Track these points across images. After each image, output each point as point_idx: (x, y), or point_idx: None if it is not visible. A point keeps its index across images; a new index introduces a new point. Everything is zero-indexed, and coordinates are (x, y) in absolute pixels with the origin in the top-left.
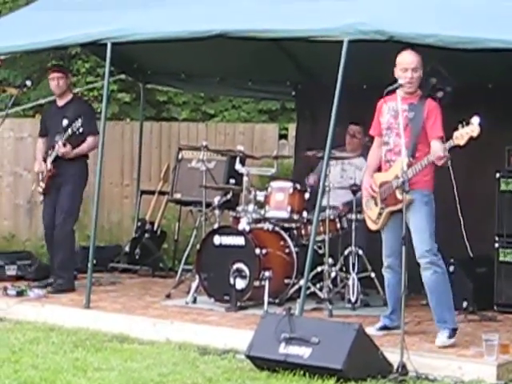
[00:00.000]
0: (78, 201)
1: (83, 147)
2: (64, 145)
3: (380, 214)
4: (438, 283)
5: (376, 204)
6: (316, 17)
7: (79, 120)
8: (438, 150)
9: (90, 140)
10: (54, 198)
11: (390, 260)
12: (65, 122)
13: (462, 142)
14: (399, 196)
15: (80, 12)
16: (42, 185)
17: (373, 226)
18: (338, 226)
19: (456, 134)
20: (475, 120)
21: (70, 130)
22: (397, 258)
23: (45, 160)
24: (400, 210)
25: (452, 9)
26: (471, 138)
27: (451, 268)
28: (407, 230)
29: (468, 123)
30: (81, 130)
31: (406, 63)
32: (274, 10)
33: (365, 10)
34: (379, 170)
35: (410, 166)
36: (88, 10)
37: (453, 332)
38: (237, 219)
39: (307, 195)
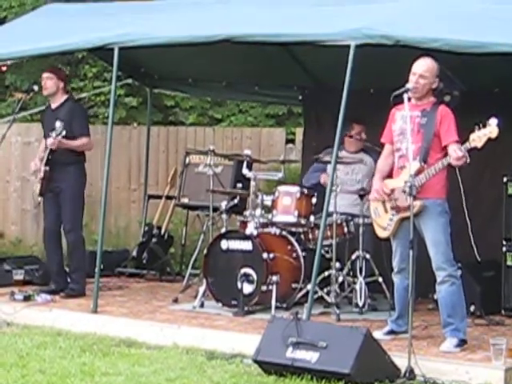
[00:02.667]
0: (81, 204)
1: (74, 142)
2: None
3: (391, 220)
4: (453, 295)
5: (386, 211)
6: (323, 21)
7: (61, 124)
8: (453, 150)
9: (82, 141)
10: (54, 202)
11: (401, 266)
12: (58, 124)
13: (479, 144)
14: (410, 202)
15: (87, 17)
16: (38, 186)
17: (382, 234)
18: (346, 230)
19: (473, 136)
20: (493, 121)
21: (54, 133)
22: (408, 264)
23: (42, 160)
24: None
25: (459, 13)
26: (489, 140)
27: (458, 272)
28: (418, 237)
29: (485, 125)
30: (63, 133)
31: (415, 68)
32: (280, 14)
33: (371, 14)
34: (390, 176)
35: (421, 171)
36: (95, 15)
37: (461, 342)
38: (244, 223)
39: (314, 200)
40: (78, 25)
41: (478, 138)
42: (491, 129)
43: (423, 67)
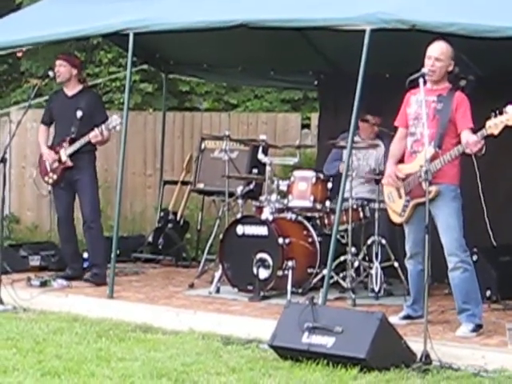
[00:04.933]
0: (97, 191)
1: (105, 135)
2: (101, 133)
3: (406, 206)
4: (467, 282)
5: (400, 196)
6: (338, 6)
7: (116, 117)
8: (470, 136)
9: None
10: (67, 189)
11: (413, 251)
12: (79, 113)
13: (496, 131)
14: (425, 187)
15: (102, 3)
16: (54, 176)
17: (397, 219)
18: (361, 215)
19: (489, 123)
20: (510, 108)
21: (104, 127)
22: (421, 249)
23: (55, 151)
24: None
25: None
26: (506, 127)
27: (474, 257)
28: (432, 222)
29: (501, 112)
30: (118, 128)
31: (430, 51)
32: None
33: None
34: (402, 161)
35: (436, 157)
36: (109, 1)
37: (477, 327)
38: (260, 209)
39: (330, 184)
40: (93, 10)
41: (495, 125)
42: (508, 116)
43: (438, 50)
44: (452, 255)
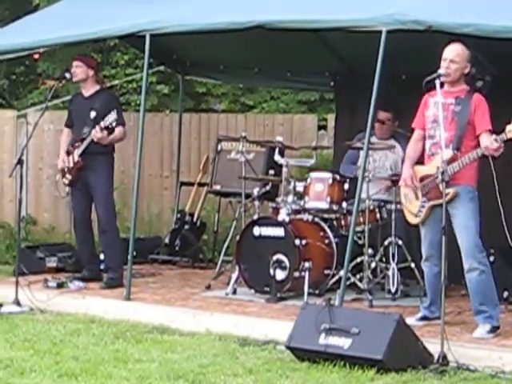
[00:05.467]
0: (112, 193)
1: (116, 135)
2: (101, 130)
3: (422, 207)
4: (483, 284)
5: (417, 197)
6: (354, 7)
7: (113, 113)
8: (490, 142)
9: (120, 130)
10: (83, 191)
11: (429, 253)
12: (92, 113)
13: None
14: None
15: (118, 4)
16: (69, 177)
17: (413, 220)
18: (378, 216)
19: (509, 127)
20: None
21: (102, 124)
22: (437, 251)
23: (68, 153)
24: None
25: None
26: None
27: (491, 258)
28: (449, 224)
29: None
30: (114, 124)
31: (446, 53)
32: (312, 0)
33: (403, 0)
34: (418, 163)
35: (455, 159)
36: (126, 3)
37: (494, 329)
38: (276, 210)
39: (347, 186)
40: (109, 12)
41: None
42: None
43: (453, 52)
44: (468, 256)
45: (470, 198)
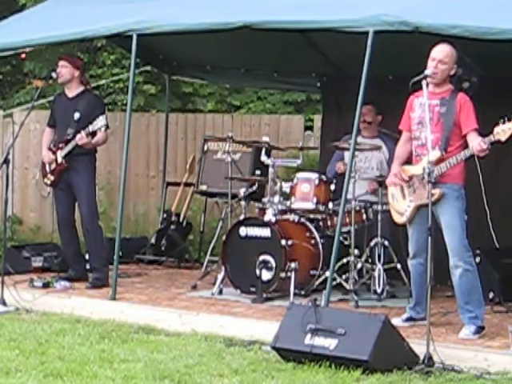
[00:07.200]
0: (95, 193)
1: (99, 139)
2: (87, 135)
3: (409, 206)
4: (469, 283)
5: (404, 197)
6: (341, 8)
7: (101, 118)
8: (477, 143)
9: (104, 134)
10: (66, 191)
11: (415, 251)
12: (76, 115)
13: (503, 138)
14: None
15: (105, 4)
16: (51, 177)
17: (399, 219)
18: (364, 217)
19: (497, 129)
20: None
21: (91, 128)
22: (423, 250)
23: (52, 151)
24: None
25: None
26: None
27: (477, 259)
28: (435, 223)
29: (510, 119)
30: (103, 129)
31: (434, 53)
32: (299, 1)
33: (390, 1)
34: (407, 163)
35: (442, 160)
36: (113, 3)
37: (479, 329)
38: (262, 210)
39: (333, 186)
40: (96, 12)
41: (503, 132)
42: None
43: (442, 53)
44: (454, 254)
45: (455, 197)
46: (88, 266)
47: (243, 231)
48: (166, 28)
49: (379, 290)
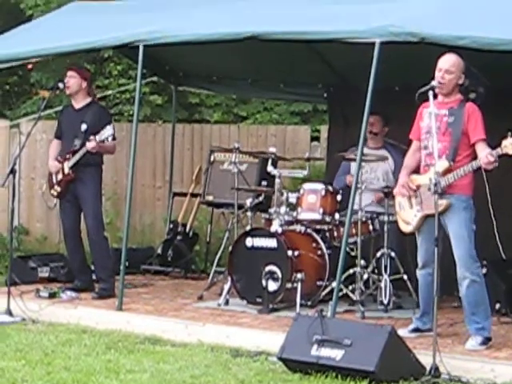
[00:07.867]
0: (101, 204)
1: (108, 146)
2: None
3: (415, 216)
4: (477, 294)
5: (411, 206)
6: (348, 19)
7: (109, 128)
8: (485, 155)
9: (110, 143)
10: (72, 202)
11: (424, 261)
12: (83, 126)
13: (511, 152)
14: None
15: (112, 15)
16: (58, 189)
17: (406, 228)
18: (371, 227)
19: (505, 142)
20: None
21: (98, 138)
22: (432, 261)
23: (59, 162)
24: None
25: (486, 10)
26: None
27: (484, 270)
28: (444, 234)
29: None
30: (110, 138)
31: (441, 63)
32: (305, 12)
33: (397, 11)
34: (416, 172)
35: (450, 170)
36: (120, 13)
37: (486, 340)
38: (269, 221)
39: (339, 197)
40: (103, 22)
41: (511, 145)
42: None
43: (449, 62)
44: (462, 266)
45: (463, 208)
46: (94, 277)
47: (249, 242)
48: (173, 39)
49: (385, 301)
